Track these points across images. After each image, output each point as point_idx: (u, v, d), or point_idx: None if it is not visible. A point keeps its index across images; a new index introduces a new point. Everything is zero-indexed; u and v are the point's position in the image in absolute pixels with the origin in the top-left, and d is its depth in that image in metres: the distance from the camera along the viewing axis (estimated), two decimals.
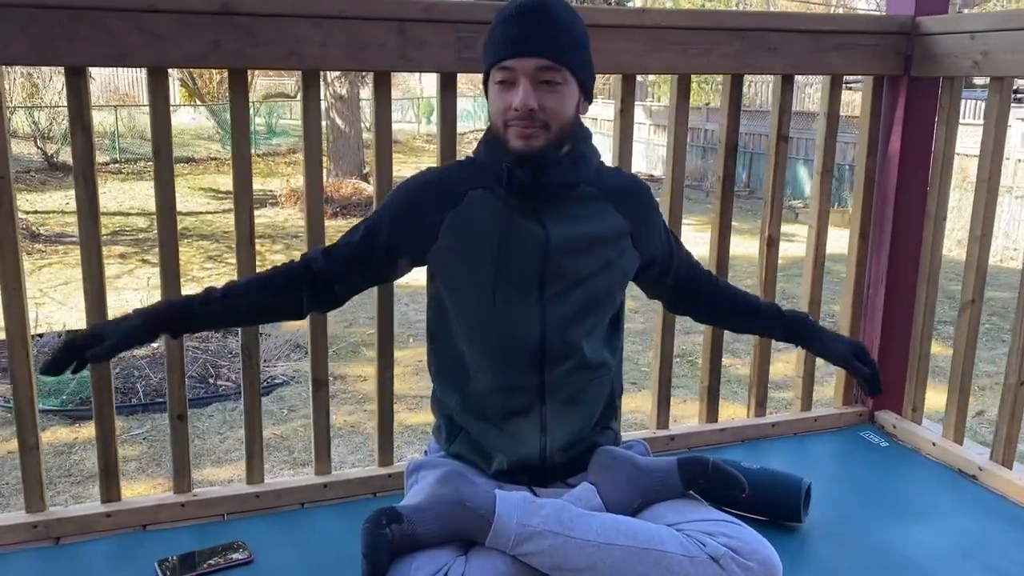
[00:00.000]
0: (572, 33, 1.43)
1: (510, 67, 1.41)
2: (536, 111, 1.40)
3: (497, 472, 1.55)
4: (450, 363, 1.57)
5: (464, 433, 1.58)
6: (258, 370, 1.84)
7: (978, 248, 2.02)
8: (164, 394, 5.04)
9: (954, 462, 2.07)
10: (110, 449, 1.75)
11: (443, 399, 1.60)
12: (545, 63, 1.40)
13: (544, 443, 1.54)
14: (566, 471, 1.58)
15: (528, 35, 1.40)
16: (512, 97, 1.41)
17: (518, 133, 1.43)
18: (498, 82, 1.43)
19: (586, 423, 1.58)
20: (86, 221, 1.65)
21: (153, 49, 1.58)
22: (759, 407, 2.27)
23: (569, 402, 1.54)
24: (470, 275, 1.49)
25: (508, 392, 1.52)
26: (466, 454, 1.58)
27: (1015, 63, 1.86)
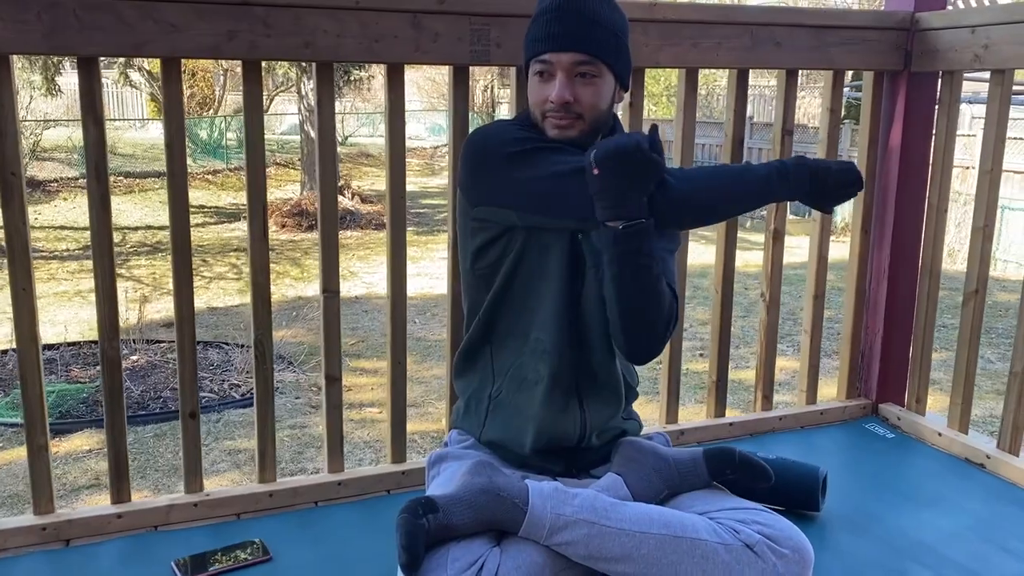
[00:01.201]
0: (608, 27, 1.45)
1: (548, 61, 1.44)
2: (571, 104, 1.43)
3: (533, 451, 1.54)
4: (511, 327, 1.55)
5: (501, 412, 1.56)
6: (271, 367, 1.81)
7: (981, 238, 2.05)
8: (146, 407, 4.98)
9: (961, 451, 2.10)
10: (120, 450, 1.71)
11: (484, 375, 1.58)
12: (581, 57, 1.42)
13: (584, 419, 1.54)
14: (598, 460, 1.57)
15: (565, 31, 1.43)
16: (549, 89, 1.44)
17: (554, 124, 1.46)
18: (536, 73, 1.46)
19: (616, 408, 1.59)
20: (97, 216, 1.62)
21: (168, 39, 1.56)
22: (765, 401, 2.28)
23: (602, 384, 1.56)
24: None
25: (565, 356, 1.51)
26: (500, 438, 1.57)
27: (1018, 55, 1.90)
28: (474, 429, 1.60)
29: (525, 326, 1.54)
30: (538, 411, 1.53)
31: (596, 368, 1.56)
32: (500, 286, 1.54)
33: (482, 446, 1.59)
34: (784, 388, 4.76)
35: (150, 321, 6.84)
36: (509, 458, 1.57)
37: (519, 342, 1.54)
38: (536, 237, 1.50)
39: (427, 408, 5.04)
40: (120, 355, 1.70)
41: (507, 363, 1.56)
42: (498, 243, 1.51)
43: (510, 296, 1.54)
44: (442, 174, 17.16)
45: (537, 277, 1.51)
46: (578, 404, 1.55)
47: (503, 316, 1.56)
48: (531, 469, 1.54)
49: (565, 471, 1.56)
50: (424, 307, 7.09)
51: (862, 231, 2.28)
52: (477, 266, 1.55)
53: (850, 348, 2.36)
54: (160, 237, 10.51)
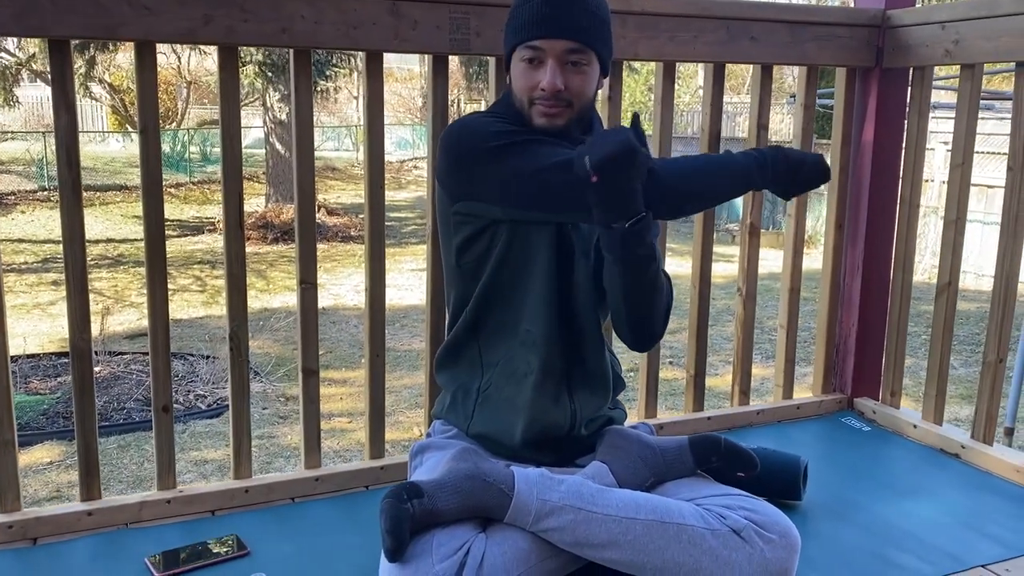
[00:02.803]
0: (598, 14, 1.45)
1: (538, 47, 1.41)
2: (562, 92, 1.42)
3: (523, 443, 1.52)
4: (501, 320, 1.53)
5: (490, 405, 1.54)
6: (247, 359, 1.77)
7: (953, 232, 2.07)
8: (108, 418, 4.87)
9: (936, 442, 2.11)
10: (91, 446, 1.66)
11: (472, 367, 1.56)
12: (573, 45, 1.41)
13: (574, 409, 1.53)
14: (586, 450, 1.56)
15: (558, 16, 1.41)
16: (539, 76, 1.42)
17: (543, 112, 1.44)
18: (525, 60, 1.43)
19: (603, 397, 1.58)
20: (69, 204, 1.58)
21: (142, 22, 1.52)
22: (743, 396, 2.28)
23: (591, 374, 1.55)
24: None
25: (554, 347, 1.50)
26: (489, 430, 1.54)
27: (987, 50, 1.94)
28: (461, 422, 1.58)
29: (514, 318, 1.52)
30: (528, 402, 1.51)
31: (586, 357, 1.55)
32: (487, 279, 1.52)
33: (468, 438, 1.57)
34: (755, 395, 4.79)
35: (112, 333, 6.72)
36: (498, 451, 1.55)
37: (509, 334, 1.53)
38: (522, 228, 1.48)
39: (398, 417, 4.99)
40: (91, 348, 1.66)
41: (497, 356, 1.54)
42: (483, 237, 1.49)
43: (498, 289, 1.52)
44: (409, 188, 17.12)
45: (524, 268, 1.50)
46: (568, 394, 1.54)
47: (491, 309, 1.54)
48: (520, 461, 1.52)
49: (555, 462, 1.54)
50: (393, 318, 7.05)
51: (836, 226, 2.31)
52: (462, 261, 1.53)
53: (825, 343, 2.38)
54: (122, 250, 10.34)
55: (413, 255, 9.81)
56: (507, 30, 1.48)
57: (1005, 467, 1.94)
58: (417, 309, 6.62)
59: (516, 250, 1.50)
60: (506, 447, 1.54)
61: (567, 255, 1.50)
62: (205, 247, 10.80)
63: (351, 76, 15.46)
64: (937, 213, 10.79)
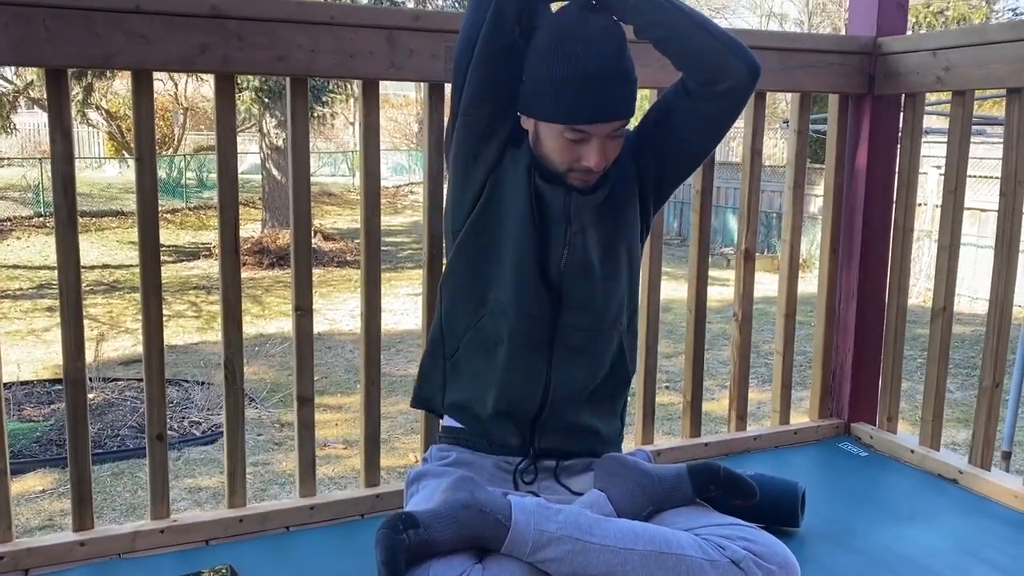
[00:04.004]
0: (635, 77, 1.44)
1: (589, 131, 1.41)
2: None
3: (495, 413, 1.52)
4: (467, 287, 1.54)
5: (460, 374, 1.55)
6: (241, 388, 1.76)
7: (947, 257, 2.08)
8: (102, 445, 4.83)
9: (933, 467, 2.11)
10: (84, 476, 1.65)
11: (448, 336, 1.57)
12: (621, 123, 1.43)
13: (548, 383, 1.52)
14: (559, 447, 1.56)
15: (611, 101, 1.40)
16: (582, 152, 1.43)
17: (581, 179, 1.47)
18: (567, 137, 1.42)
19: (589, 379, 1.56)
20: (64, 231, 1.58)
21: (138, 51, 1.53)
22: (740, 421, 2.28)
23: (577, 351, 1.53)
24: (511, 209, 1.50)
25: (525, 318, 1.50)
26: (462, 399, 1.56)
27: (977, 77, 1.95)
28: (435, 393, 1.59)
29: (482, 286, 1.52)
30: (501, 373, 1.52)
31: (570, 331, 1.53)
32: (458, 247, 1.53)
33: (446, 409, 1.59)
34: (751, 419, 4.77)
35: (107, 359, 6.69)
36: (469, 422, 1.56)
37: (476, 303, 1.53)
38: (497, 193, 1.49)
39: (393, 443, 4.96)
40: (85, 377, 1.65)
41: (462, 324, 1.54)
42: (471, 194, 1.51)
43: (467, 256, 1.53)
44: (405, 212, 17.16)
45: (494, 237, 1.50)
46: (547, 368, 1.53)
47: (461, 276, 1.55)
48: (490, 439, 1.54)
49: (520, 446, 1.55)
50: (389, 343, 7.02)
51: (830, 251, 2.31)
52: (455, 227, 1.55)
53: (821, 368, 2.38)
54: (117, 276, 10.33)
55: (409, 280, 9.81)
56: (542, 100, 1.42)
57: (1003, 492, 1.94)
58: (413, 334, 6.61)
59: (489, 215, 1.50)
60: (478, 419, 1.55)
61: (542, 224, 1.49)
62: (201, 272, 10.79)
63: (347, 102, 15.53)
64: (931, 237, 10.82)
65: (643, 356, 2.13)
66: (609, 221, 1.54)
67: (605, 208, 1.53)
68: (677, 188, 1.67)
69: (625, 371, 1.62)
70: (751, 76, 1.49)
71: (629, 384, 1.65)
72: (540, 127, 1.45)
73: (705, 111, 1.53)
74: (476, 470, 1.55)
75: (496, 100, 1.47)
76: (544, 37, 1.42)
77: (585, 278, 1.52)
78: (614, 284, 1.56)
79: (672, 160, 1.60)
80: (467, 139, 1.50)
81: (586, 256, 1.52)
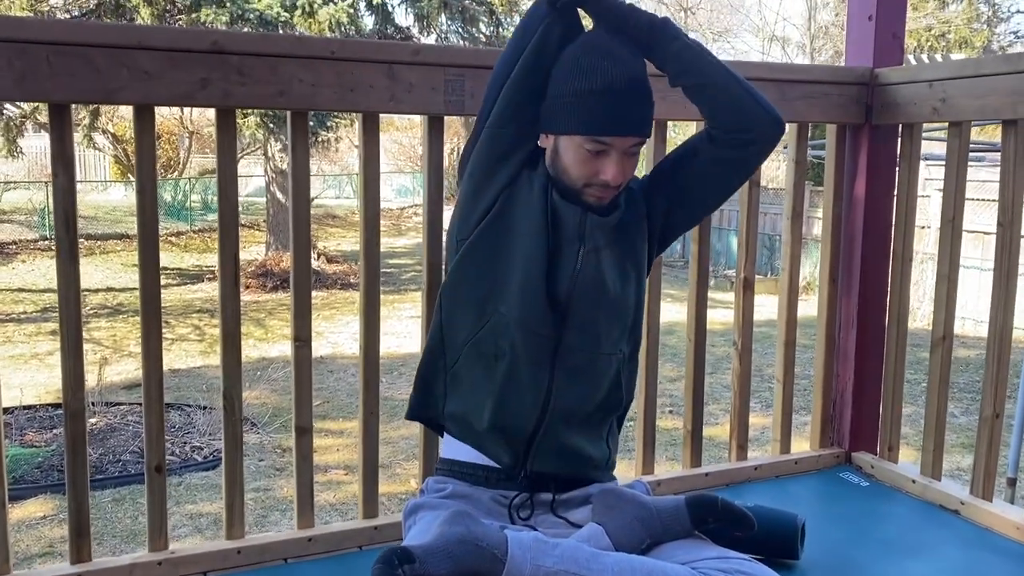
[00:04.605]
0: (652, 100, 1.49)
1: (609, 143, 1.44)
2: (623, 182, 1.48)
3: (490, 427, 1.52)
4: (470, 297, 1.54)
5: (459, 383, 1.56)
6: (240, 420, 1.77)
7: (946, 286, 2.08)
8: (103, 471, 4.83)
9: (935, 498, 2.10)
10: (82, 507, 1.65)
11: (448, 345, 1.57)
12: (640, 139, 1.46)
13: (547, 401, 1.52)
14: (551, 469, 1.56)
15: (630, 115, 1.45)
16: (601, 166, 1.46)
17: (597, 196, 1.49)
18: (587, 149, 1.45)
19: (589, 399, 1.56)
20: (65, 265, 1.59)
21: (140, 86, 1.55)
22: (740, 451, 2.27)
23: (578, 372, 1.54)
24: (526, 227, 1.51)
25: (529, 333, 1.50)
26: (460, 410, 1.56)
27: (974, 108, 1.97)
28: (436, 403, 1.60)
29: (485, 298, 1.53)
30: (500, 386, 1.52)
31: (573, 352, 1.53)
32: (462, 256, 1.54)
33: (445, 417, 1.59)
34: (754, 444, 4.76)
35: (110, 383, 6.68)
36: (466, 435, 1.56)
37: (477, 313, 1.53)
38: (509, 204, 1.51)
39: (395, 469, 4.95)
40: (85, 408, 1.66)
41: (462, 334, 1.55)
42: (482, 207, 1.53)
43: (471, 267, 1.54)
44: (408, 234, 17.20)
45: (500, 250, 1.52)
46: (548, 384, 1.53)
47: (461, 288, 1.56)
48: (485, 451, 1.54)
49: (513, 465, 1.54)
50: (391, 366, 7.03)
51: (830, 280, 2.32)
52: (461, 235, 1.56)
53: (822, 397, 2.37)
54: (121, 299, 10.35)
55: (412, 302, 9.82)
56: (564, 112, 1.46)
57: (1005, 524, 1.92)
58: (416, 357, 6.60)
59: (499, 228, 1.52)
60: (474, 432, 1.55)
61: (555, 241, 1.51)
62: (204, 295, 10.81)
63: (352, 126, 15.63)
64: (934, 259, 10.82)
65: (643, 384, 2.13)
66: (621, 245, 1.57)
67: (618, 232, 1.56)
68: (680, 235, 1.71)
69: (619, 399, 1.63)
70: (776, 130, 1.56)
71: (620, 412, 1.66)
72: (560, 141, 1.48)
73: (728, 158, 1.57)
74: (473, 503, 1.55)
75: (522, 121, 1.51)
76: (571, 54, 1.48)
77: (593, 298, 1.54)
78: (620, 309, 1.58)
79: (683, 204, 1.64)
80: (488, 154, 1.53)
81: (597, 276, 1.54)
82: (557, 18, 1.48)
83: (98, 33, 1.57)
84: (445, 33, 11.73)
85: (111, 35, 1.55)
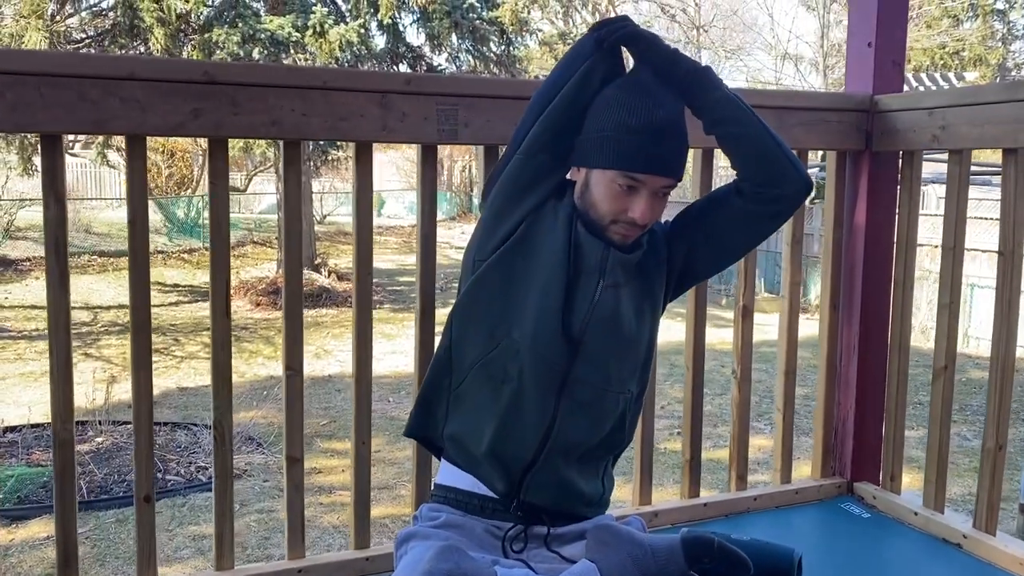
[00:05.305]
0: (688, 144, 1.48)
1: (641, 180, 1.43)
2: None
3: (488, 452, 1.50)
4: (482, 319, 1.52)
5: (461, 404, 1.53)
6: (231, 449, 1.76)
7: (947, 315, 2.06)
8: (109, 491, 4.83)
9: (938, 531, 2.06)
10: (70, 537, 1.64)
11: (456, 365, 1.55)
12: (672, 181, 1.45)
13: (549, 432, 1.50)
14: (544, 502, 1.53)
15: (667, 156, 1.44)
16: (631, 204, 1.44)
17: (623, 234, 1.48)
18: (619, 184, 1.44)
19: (591, 435, 1.54)
20: (55, 293, 1.59)
21: (132, 117, 1.56)
22: (740, 481, 2.24)
23: (584, 406, 1.51)
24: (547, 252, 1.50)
25: (539, 361, 1.48)
26: (459, 430, 1.54)
27: (973, 136, 1.95)
28: (437, 423, 1.57)
29: (498, 322, 1.51)
30: (504, 410, 1.49)
31: (581, 385, 1.51)
32: (479, 277, 1.52)
33: (444, 439, 1.56)
34: (765, 467, 4.71)
35: (117, 402, 6.69)
36: (462, 458, 1.54)
37: (488, 336, 1.51)
38: (532, 230, 1.50)
39: (399, 491, 4.93)
40: (73, 437, 1.65)
41: (471, 355, 1.53)
42: (503, 236, 1.52)
43: (486, 290, 1.52)
44: None
45: (517, 276, 1.50)
46: (552, 414, 1.50)
47: (474, 310, 1.53)
48: (481, 477, 1.52)
49: (506, 494, 1.52)
50: (399, 385, 7.02)
51: (831, 307, 2.29)
52: (479, 256, 1.54)
53: (823, 426, 2.34)
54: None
55: None
56: (601, 146, 1.46)
57: (1008, 559, 1.89)
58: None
59: (519, 253, 1.50)
60: (471, 455, 1.52)
61: (575, 273, 1.49)
62: None
63: None
64: None
65: (641, 417, 2.10)
66: (640, 285, 1.56)
67: (638, 271, 1.55)
68: (697, 283, 1.72)
69: (621, 439, 1.62)
70: (804, 189, 1.56)
71: (618, 452, 1.64)
72: (592, 176, 1.48)
73: (753, 211, 1.57)
74: (466, 533, 1.53)
75: (556, 152, 1.51)
76: (612, 91, 1.48)
77: (607, 333, 1.52)
78: (633, 347, 1.56)
79: (703, 251, 1.62)
80: (516, 180, 1.52)
81: (614, 312, 1.52)
82: (602, 57, 1.48)
83: (90, 64, 1.58)
84: (456, 51, 11.80)
85: (103, 66, 1.56)
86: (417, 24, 11.26)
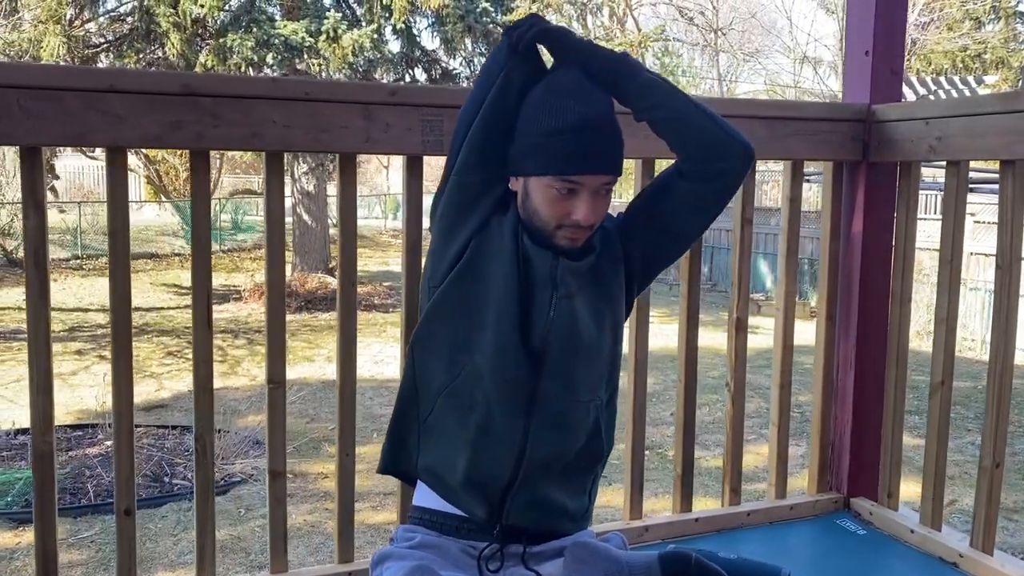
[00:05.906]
0: (623, 140, 1.45)
1: (578, 182, 1.40)
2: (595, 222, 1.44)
3: (465, 481, 1.47)
4: (443, 346, 1.50)
5: (431, 435, 1.51)
6: (212, 463, 1.75)
7: (944, 330, 2.02)
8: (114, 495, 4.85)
9: (934, 549, 2.02)
10: (50, 550, 1.65)
11: (422, 396, 1.53)
12: (610, 178, 1.43)
13: (523, 452, 1.47)
14: (527, 524, 1.50)
15: (599, 153, 1.41)
16: (572, 207, 1.42)
17: (569, 237, 1.45)
18: (556, 189, 1.42)
19: (567, 448, 1.51)
20: (35, 304, 1.59)
21: (112, 129, 1.55)
22: (733, 495, 2.21)
23: (554, 421, 1.49)
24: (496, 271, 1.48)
25: (503, 382, 1.46)
26: (432, 462, 1.52)
27: (970, 147, 1.91)
28: (410, 456, 1.54)
29: (459, 347, 1.49)
30: (474, 437, 1.47)
31: (550, 400, 1.48)
32: (433, 304, 1.50)
33: (419, 471, 1.54)
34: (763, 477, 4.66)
35: None
36: (440, 489, 1.51)
37: (450, 362, 1.49)
38: (481, 251, 1.47)
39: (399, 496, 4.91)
40: (54, 450, 1.65)
41: (436, 384, 1.51)
42: (453, 257, 1.50)
43: (442, 316, 1.50)
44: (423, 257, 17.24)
45: (477, 300, 1.48)
46: (523, 434, 1.47)
47: (436, 337, 1.51)
48: (461, 507, 1.49)
49: (488, 519, 1.49)
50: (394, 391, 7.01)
51: (827, 319, 2.26)
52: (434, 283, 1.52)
53: (819, 440, 2.31)
54: (147, 319, 10.47)
55: None
56: (532, 154, 1.43)
57: None
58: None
59: (471, 275, 1.48)
60: (448, 486, 1.50)
61: (528, 288, 1.46)
62: (229, 316, 10.91)
63: None
64: (965, 284, 10.61)
65: (631, 427, 2.08)
66: (595, 290, 1.52)
67: (592, 277, 1.51)
68: (664, 269, 1.66)
69: (600, 448, 1.58)
70: (746, 158, 1.52)
71: (601, 462, 1.61)
72: (530, 184, 1.45)
73: (699, 191, 1.53)
74: (441, 553, 1.51)
75: (489, 166, 1.48)
76: (536, 95, 1.45)
77: (568, 346, 1.49)
78: (596, 355, 1.53)
79: (660, 240, 1.59)
80: (456, 201, 1.50)
81: (571, 323, 1.49)
82: (519, 61, 1.45)
83: (70, 77, 1.58)
84: (471, 56, 11.80)
85: (83, 79, 1.56)
86: (432, 28, 11.28)
